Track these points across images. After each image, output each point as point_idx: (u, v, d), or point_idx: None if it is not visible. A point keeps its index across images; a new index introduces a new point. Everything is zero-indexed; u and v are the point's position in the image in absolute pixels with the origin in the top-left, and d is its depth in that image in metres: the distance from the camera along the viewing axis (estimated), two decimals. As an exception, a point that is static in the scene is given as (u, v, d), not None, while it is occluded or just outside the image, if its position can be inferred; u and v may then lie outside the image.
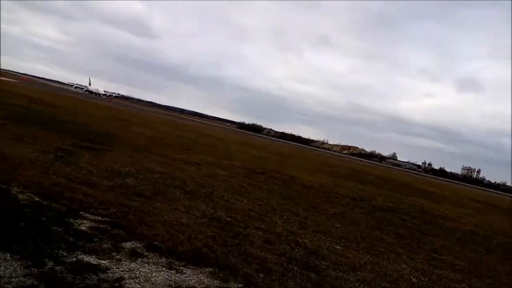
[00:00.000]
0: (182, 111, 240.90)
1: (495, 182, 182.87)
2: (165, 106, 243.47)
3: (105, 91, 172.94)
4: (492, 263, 11.12)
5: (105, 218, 7.00)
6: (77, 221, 6.56)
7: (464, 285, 8.23)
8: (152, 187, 10.57)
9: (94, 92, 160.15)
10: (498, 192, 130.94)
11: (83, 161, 12.01)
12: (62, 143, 14.18)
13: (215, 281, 5.50)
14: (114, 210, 7.57)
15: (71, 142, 15.04)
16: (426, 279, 7.95)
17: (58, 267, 4.80)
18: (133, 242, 6.21)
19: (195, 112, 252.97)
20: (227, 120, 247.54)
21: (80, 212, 7.02)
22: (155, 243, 6.36)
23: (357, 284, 6.67)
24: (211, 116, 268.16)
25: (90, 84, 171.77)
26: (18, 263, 4.68)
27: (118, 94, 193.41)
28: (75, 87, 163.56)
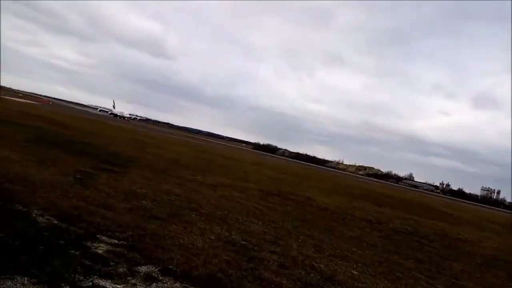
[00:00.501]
0: (198, 132, 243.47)
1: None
2: (182, 127, 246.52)
3: (129, 114, 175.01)
4: (515, 290, 10.75)
5: (122, 242, 7.08)
6: (94, 244, 6.65)
7: (486, 313, 7.97)
8: (168, 210, 10.65)
9: (119, 115, 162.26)
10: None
11: (101, 183, 12.21)
12: (82, 166, 14.48)
13: (230, 307, 5.48)
14: (131, 233, 7.65)
15: (90, 164, 15.33)
16: (446, 306, 7.74)
17: (75, 292, 4.87)
18: (148, 266, 6.26)
19: (211, 133, 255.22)
20: (242, 140, 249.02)
21: (98, 235, 7.12)
22: (170, 267, 6.39)
23: (374, 311, 6.54)
24: (227, 137, 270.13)
25: (114, 107, 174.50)
26: (35, 287, 4.76)
27: (142, 117, 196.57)
28: (100, 110, 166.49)
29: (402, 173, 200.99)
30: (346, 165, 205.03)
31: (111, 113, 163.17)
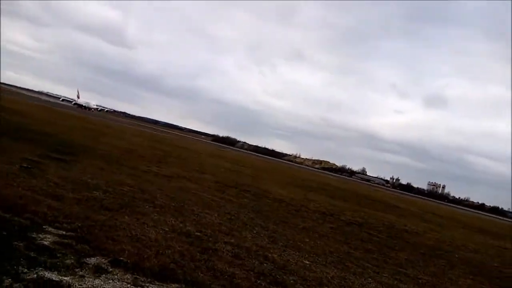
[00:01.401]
0: (156, 122, 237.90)
1: (459, 198, 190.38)
2: (138, 117, 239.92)
3: (96, 105, 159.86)
4: (454, 277, 11.51)
5: (70, 233, 6.83)
6: (40, 235, 6.37)
7: (427, 299, 8.48)
8: (120, 201, 10.38)
9: (84, 106, 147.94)
10: (462, 207, 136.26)
11: (50, 172, 11.69)
12: (29, 154, 13.75)
13: (181, 298, 5.47)
14: (80, 224, 7.39)
15: (38, 152, 14.61)
16: (391, 293, 8.15)
17: (17, 285, 4.64)
18: (97, 257, 6.09)
19: (169, 123, 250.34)
20: (201, 132, 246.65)
21: (44, 226, 6.83)
22: (121, 258, 6.25)
23: (323, 299, 6.78)
24: (185, 128, 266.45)
25: (78, 97, 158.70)
26: (-26, 281, 4.51)
27: (109, 108, 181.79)
28: (62, 100, 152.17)
29: (355, 167, 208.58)
30: (303, 158, 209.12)
31: (75, 103, 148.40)
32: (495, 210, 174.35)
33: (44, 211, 7.63)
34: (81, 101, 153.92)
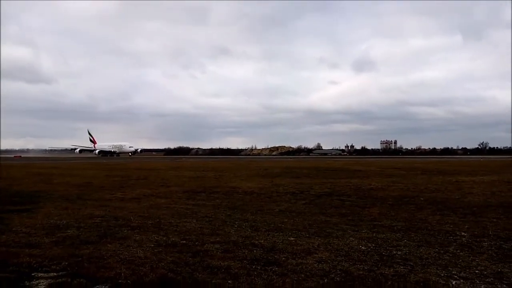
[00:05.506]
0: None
1: (412, 148, 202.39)
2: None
3: (130, 147, 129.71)
4: (424, 217, 12.54)
5: (61, 272, 6.85)
6: (33, 282, 6.37)
7: (405, 240, 9.28)
8: (97, 232, 10.32)
9: (113, 152, 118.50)
10: (416, 156, 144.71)
11: (15, 224, 11.33)
12: (-14, 213, 13.18)
13: (189, 298, 5.74)
14: (67, 263, 7.40)
15: (-5, 209, 14.02)
16: (373, 244, 8.86)
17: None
18: (98, 286, 6.20)
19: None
20: (152, 149, 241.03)
21: (33, 274, 6.79)
22: (120, 281, 6.40)
23: (316, 264, 7.30)
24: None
25: (93, 141, 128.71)
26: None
27: (142, 148, 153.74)
28: (81, 151, 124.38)
29: (311, 145, 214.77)
30: (259, 149, 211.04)
31: (100, 151, 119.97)
32: (446, 151, 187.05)
33: (27, 260, 7.54)
34: (105, 145, 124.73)
